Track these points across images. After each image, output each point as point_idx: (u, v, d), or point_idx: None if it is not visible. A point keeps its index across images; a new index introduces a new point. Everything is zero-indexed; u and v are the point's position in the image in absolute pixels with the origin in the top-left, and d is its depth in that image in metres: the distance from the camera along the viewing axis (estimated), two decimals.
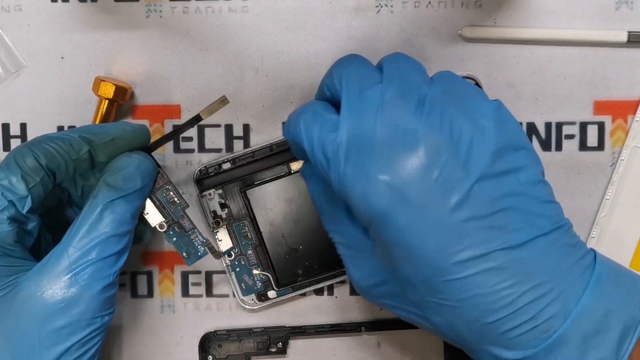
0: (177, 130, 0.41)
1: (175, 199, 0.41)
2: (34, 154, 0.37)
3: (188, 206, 0.41)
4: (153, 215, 0.41)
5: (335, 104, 0.37)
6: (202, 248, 0.42)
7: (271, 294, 0.45)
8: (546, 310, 0.33)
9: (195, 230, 0.42)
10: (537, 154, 0.44)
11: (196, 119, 0.40)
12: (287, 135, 0.38)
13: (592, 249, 0.35)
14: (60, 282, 0.36)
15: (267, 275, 0.45)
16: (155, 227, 0.41)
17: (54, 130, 0.46)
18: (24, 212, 0.38)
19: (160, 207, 0.41)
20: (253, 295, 0.45)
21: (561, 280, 0.33)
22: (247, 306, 0.45)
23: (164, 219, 0.41)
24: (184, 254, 0.42)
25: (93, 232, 0.37)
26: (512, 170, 0.34)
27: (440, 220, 0.33)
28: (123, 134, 0.40)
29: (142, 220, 0.41)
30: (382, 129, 0.34)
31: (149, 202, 0.41)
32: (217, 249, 0.42)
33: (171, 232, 0.41)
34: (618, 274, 0.35)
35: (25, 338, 0.36)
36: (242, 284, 0.45)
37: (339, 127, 0.35)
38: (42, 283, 0.36)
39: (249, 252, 0.45)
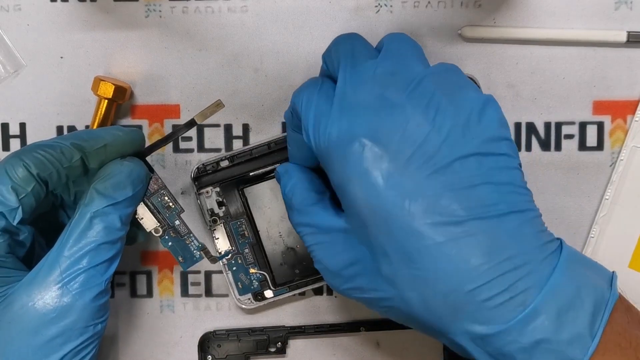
0: (171, 134, 0.41)
1: (170, 204, 0.41)
2: (24, 164, 0.37)
3: (183, 211, 0.41)
4: (148, 220, 0.41)
5: (333, 79, 0.38)
6: (198, 253, 0.42)
7: (268, 293, 0.45)
8: (520, 283, 0.33)
9: (191, 235, 0.41)
10: (538, 154, 0.45)
11: (191, 123, 0.40)
12: (287, 111, 0.39)
13: (559, 238, 0.36)
14: (52, 292, 0.36)
15: (263, 275, 0.45)
16: (150, 232, 0.41)
17: (54, 130, 0.46)
18: (15, 223, 0.37)
19: (155, 212, 0.41)
20: (249, 295, 0.45)
21: (533, 256, 0.33)
22: (243, 306, 0.45)
23: (159, 224, 0.41)
24: (180, 259, 0.42)
25: (83, 240, 0.37)
26: (492, 154, 0.34)
27: (417, 187, 0.33)
28: (115, 140, 0.39)
29: (135, 223, 0.41)
30: (371, 99, 0.35)
31: (143, 207, 0.40)
32: (212, 254, 0.42)
33: (166, 237, 0.41)
34: (583, 259, 0.36)
35: (18, 349, 0.36)
36: (239, 283, 0.45)
37: (334, 95, 0.36)
38: (33, 293, 0.36)
39: (246, 251, 0.45)
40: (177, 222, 0.41)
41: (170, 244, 0.41)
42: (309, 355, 0.46)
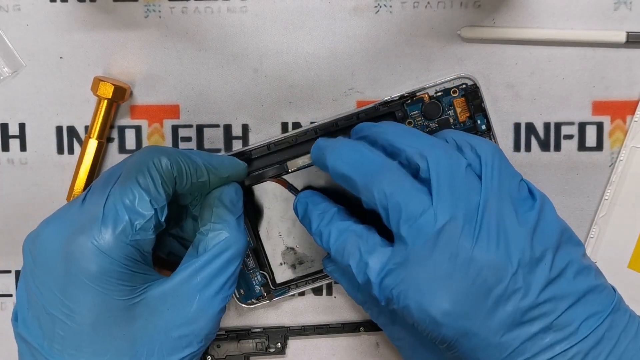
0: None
1: (247, 237, 0.43)
2: (170, 164, 0.38)
3: (255, 246, 0.44)
4: None
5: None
6: (259, 288, 0.44)
7: (268, 293, 0.45)
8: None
9: (257, 270, 0.44)
10: (537, 154, 0.45)
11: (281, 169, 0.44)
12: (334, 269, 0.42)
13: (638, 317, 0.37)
14: (189, 298, 0.38)
15: (264, 275, 0.45)
16: None
17: (53, 130, 0.45)
18: (162, 220, 0.38)
19: None
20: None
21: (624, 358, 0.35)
22: (244, 305, 0.45)
23: None
24: (241, 291, 0.44)
25: (221, 254, 0.39)
26: (562, 271, 0.35)
27: (509, 338, 0.34)
28: (235, 173, 0.41)
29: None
30: (439, 260, 0.35)
31: None
32: (270, 286, 0.45)
33: None
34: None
35: (147, 344, 0.37)
36: (241, 290, 0.45)
37: (393, 260, 0.36)
38: (173, 296, 0.38)
39: (247, 256, 0.45)
40: (247, 256, 0.44)
41: None
42: (309, 355, 0.46)
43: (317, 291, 0.46)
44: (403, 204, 0.35)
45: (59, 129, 0.46)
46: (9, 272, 0.47)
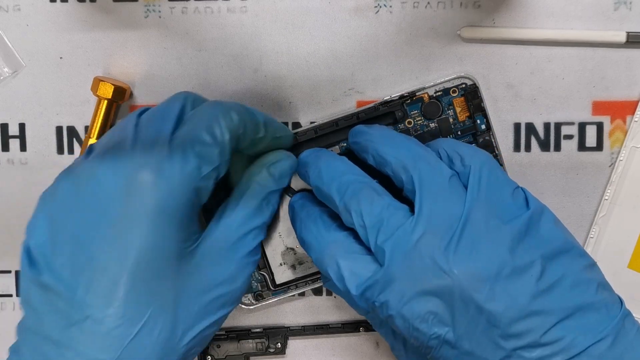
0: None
1: None
2: (239, 121, 0.37)
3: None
4: None
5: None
6: (257, 284, 0.44)
7: (267, 294, 0.45)
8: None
9: (256, 271, 0.44)
10: (537, 154, 0.45)
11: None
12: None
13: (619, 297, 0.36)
14: (230, 256, 0.37)
15: (263, 275, 0.45)
16: None
17: (53, 130, 0.46)
18: (222, 174, 0.37)
19: None
20: (250, 295, 0.45)
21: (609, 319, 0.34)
22: (243, 306, 0.45)
23: None
24: None
25: (258, 215, 0.39)
26: (555, 283, 0.35)
27: (492, 349, 0.34)
28: (286, 136, 0.41)
29: None
30: (418, 272, 0.35)
31: None
32: (269, 286, 0.44)
33: None
34: None
35: (187, 301, 0.36)
36: None
37: (371, 274, 0.36)
38: (217, 253, 0.37)
39: None
40: None
41: None
42: (309, 355, 0.46)
43: (317, 291, 0.46)
44: (380, 222, 0.36)
45: (59, 129, 0.46)
46: (9, 272, 0.47)
